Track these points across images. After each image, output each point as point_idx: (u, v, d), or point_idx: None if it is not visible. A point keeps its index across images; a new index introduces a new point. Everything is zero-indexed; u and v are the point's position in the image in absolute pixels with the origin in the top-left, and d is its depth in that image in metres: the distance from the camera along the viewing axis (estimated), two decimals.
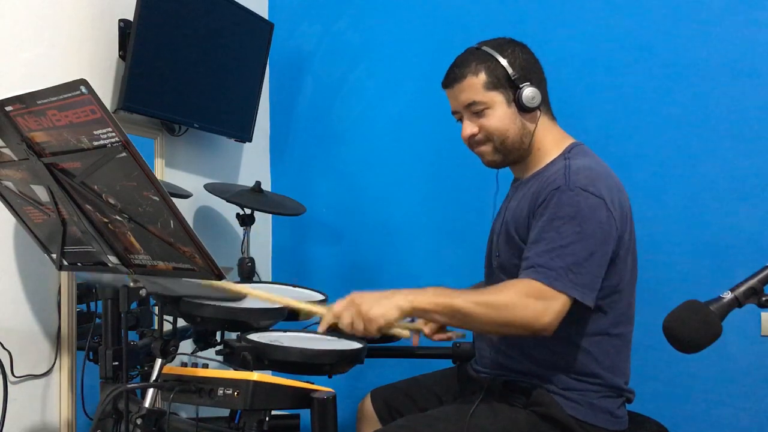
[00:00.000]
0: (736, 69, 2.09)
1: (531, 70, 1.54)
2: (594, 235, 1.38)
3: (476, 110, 1.53)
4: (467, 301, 1.36)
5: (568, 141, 1.58)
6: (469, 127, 1.55)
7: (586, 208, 1.39)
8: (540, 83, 1.55)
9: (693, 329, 0.99)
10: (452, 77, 1.55)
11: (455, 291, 1.40)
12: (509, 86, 1.52)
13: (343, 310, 1.37)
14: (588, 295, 1.37)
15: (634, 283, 1.53)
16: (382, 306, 1.34)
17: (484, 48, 1.54)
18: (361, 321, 1.34)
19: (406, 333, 1.57)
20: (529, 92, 1.50)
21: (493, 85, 1.51)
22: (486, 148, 1.56)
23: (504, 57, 1.52)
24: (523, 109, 1.52)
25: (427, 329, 1.75)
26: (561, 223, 1.38)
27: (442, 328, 1.75)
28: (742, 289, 1.00)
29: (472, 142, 1.57)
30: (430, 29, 2.57)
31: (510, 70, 1.51)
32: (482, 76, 1.52)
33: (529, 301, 1.33)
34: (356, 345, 1.64)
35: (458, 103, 1.56)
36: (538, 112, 1.55)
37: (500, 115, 1.52)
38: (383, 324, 1.34)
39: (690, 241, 2.14)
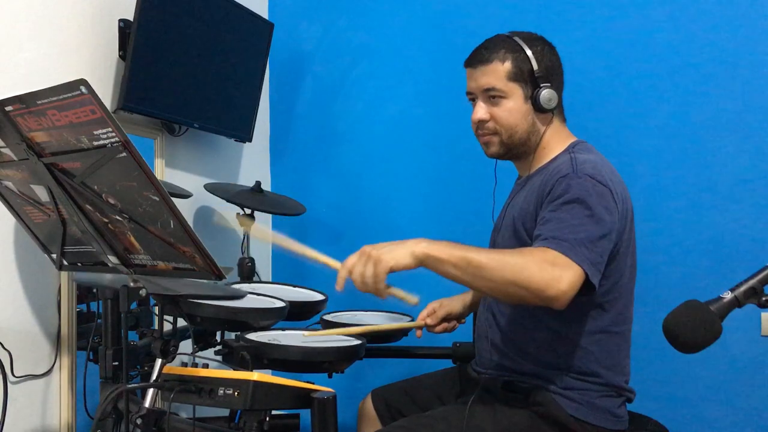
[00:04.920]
0: (737, 69, 2.09)
1: (554, 72, 1.55)
2: (603, 219, 1.37)
3: (493, 96, 1.53)
4: (483, 255, 1.31)
5: (572, 139, 1.59)
6: (481, 111, 1.55)
7: (595, 194, 1.38)
8: (559, 87, 1.56)
9: (693, 329, 0.99)
10: (478, 58, 1.55)
11: (470, 246, 1.36)
12: (530, 82, 1.52)
13: (355, 260, 1.32)
14: (596, 275, 1.34)
15: (633, 282, 1.53)
16: (394, 251, 1.30)
17: (516, 38, 1.54)
18: (372, 265, 1.29)
19: (412, 299, 1.50)
20: (547, 93, 1.51)
21: (515, 76, 1.52)
22: (492, 139, 1.57)
23: (533, 52, 1.52)
24: (538, 108, 1.52)
25: (430, 320, 1.76)
26: (571, 205, 1.37)
27: (445, 320, 1.78)
28: (742, 289, 1.00)
29: (480, 127, 1.57)
30: (429, 29, 2.56)
31: (535, 67, 1.51)
32: (508, 65, 1.52)
33: (545, 266, 1.28)
34: (355, 341, 1.64)
35: (477, 85, 1.56)
36: (551, 115, 1.56)
37: (514, 108, 1.53)
38: (393, 266, 1.28)
39: (690, 241, 2.14)
